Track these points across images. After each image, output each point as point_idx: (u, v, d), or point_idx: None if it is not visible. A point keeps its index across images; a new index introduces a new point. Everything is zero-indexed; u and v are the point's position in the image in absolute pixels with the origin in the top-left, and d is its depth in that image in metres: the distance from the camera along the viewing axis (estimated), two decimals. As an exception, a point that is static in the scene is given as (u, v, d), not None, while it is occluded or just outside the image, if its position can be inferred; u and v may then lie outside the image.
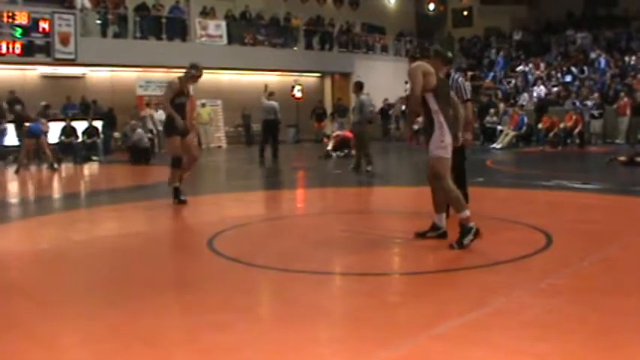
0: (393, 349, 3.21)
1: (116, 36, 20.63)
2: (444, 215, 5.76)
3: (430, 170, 5.47)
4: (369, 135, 13.05)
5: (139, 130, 16.66)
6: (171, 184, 8.45)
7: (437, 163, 5.34)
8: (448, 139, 5.25)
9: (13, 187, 12.22)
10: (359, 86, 13.08)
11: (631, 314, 3.74)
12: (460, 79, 6.50)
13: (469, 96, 6.45)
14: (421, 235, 5.68)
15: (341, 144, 16.82)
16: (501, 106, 22.10)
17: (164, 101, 8.44)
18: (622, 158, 12.98)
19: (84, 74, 20.74)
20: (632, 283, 4.41)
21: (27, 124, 15.20)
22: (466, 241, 5.27)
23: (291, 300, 4.17)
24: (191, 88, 8.61)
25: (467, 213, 5.29)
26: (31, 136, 14.52)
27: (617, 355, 3.17)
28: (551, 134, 19.26)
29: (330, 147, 16.88)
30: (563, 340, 3.31)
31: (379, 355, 3.15)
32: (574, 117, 19.31)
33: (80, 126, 17.76)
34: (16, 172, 13.79)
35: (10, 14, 18.01)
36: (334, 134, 17.62)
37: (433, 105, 5.26)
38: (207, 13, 23.25)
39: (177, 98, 8.30)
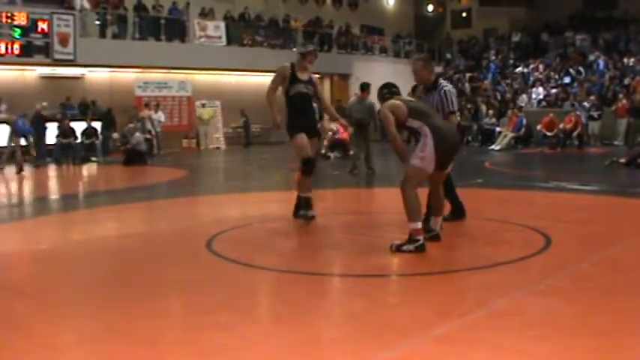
0: (393, 350, 3.21)
1: (115, 37, 20.62)
2: (440, 219, 5.76)
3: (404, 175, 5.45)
4: (356, 138, 12.75)
5: (138, 134, 16.65)
6: (300, 192, 6.81)
7: (409, 169, 5.35)
8: (429, 151, 5.19)
9: (12, 187, 12.21)
10: (360, 88, 12.90)
11: (631, 315, 3.74)
12: (447, 87, 6.10)
13: (454, 108, 6.04)
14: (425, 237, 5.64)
15: (337, 145, 16.82)
16: (483, 107, 22.26)
17: (268, 90, 6.81)
18: (622, 160, 13.00)
19: (83, 75, 20.73)
20: (632, 284, 4.42)
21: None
22: (405, 248, 5.23)
23: (290, 301, 4.17)
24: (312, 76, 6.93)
25: (418, 225, 5.26)
26: (18, 135, 14.49)
27: (616, 356, 3.18)
28: (550, 135, 19.30)
29: (324, 149, 16.74)
30: (563, 341, 3.31)
31: (379, 356, 3.15)
32: (573, 119, 19.33)
33: (79, 127, 17.78)
34: (18, 172, 13.79)
35: (9, 15, 17.99)
36: (326, 131, 16.84)
37: (415, 124, 5.32)
38: (206, 14, 23.26)
39: (293, 87, 6.71)
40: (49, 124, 17.40)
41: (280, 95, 6.85)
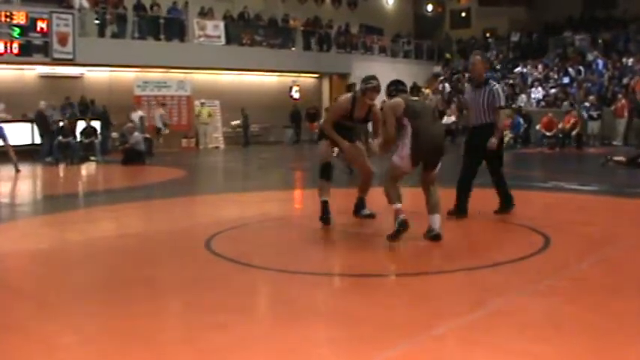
0: (392, 350, 3.21)
1: (114, 36, 20.60)
2: (438, 217, 5.79)
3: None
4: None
5: (136, 134, 16.62)
6: (320, 196, 6.73)
7: (389, 165, 5.83)
8: (407, 152, 5.61)
9: (9, 187, 12.19)
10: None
11: (629, 315, 3.74)
12: (496, 87, 7.03)
13: (502, 103, 6.99)
14: (426, 237, 5.77)
15: None
16: (453, 107, 22.67)
17: (326, 122, 6.75)
18: (617, 159, 13.02)
19: (82, 74, 20.71)
20: (631, 285, 4.42)
21: None
22: (394, 233, 5.54)
23: (289, 301, 4.17)
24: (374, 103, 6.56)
25: (398, 205, 5.61)
26: None
27: (615, 356, 3.18)
28: (549, 135, 19.31)
29: None
30: (561, 341, 3.31)
31: (378, 356, 3.15)
32: (572, 120, 19.33)
33: (78, 126, 17.76)
34: (17, 171, 13.78)
35: (8, 14, 17.98)
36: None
37: (405, 122, 5.66)
38: (205, 13, 23.25)
39: (342, 119, 6.53)
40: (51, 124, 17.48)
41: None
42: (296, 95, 24.78)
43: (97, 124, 18.34)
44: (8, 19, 17.95)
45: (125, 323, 3.73)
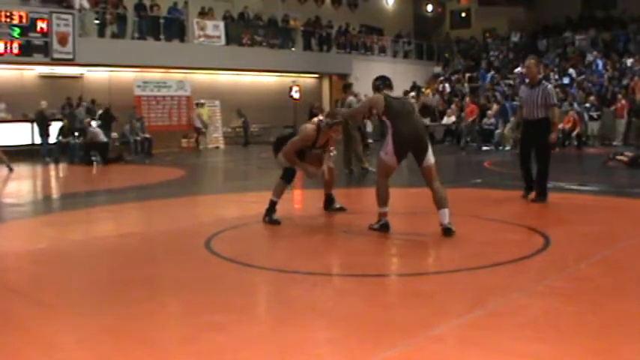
0: (391, 350, 3.21)
1: (114, 36, 20.61)
2: (445, 211, 5.90)
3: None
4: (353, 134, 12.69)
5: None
6: (272, 195, 6.94)
7: (378, 161, 6.31)
8: (390, 148, 6.01)
9: (9, 186, 12.19)
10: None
11: (629, 316, 3.74)
12: (549, 86, 8.09)
13: (555, 101, 8.01)
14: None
15: None
16: (453, 107, 22.95)
17: (288, 151, 6.84)
18: (620, 157, 13.01)
19: (82, 74, 20.71)
20: (630, 285, 4.42)
21: None
22: (376, 226, 6.12)
23: (289, 301, 4.17)
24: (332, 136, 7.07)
25: (383, 210, 6.11)
26: None
27: (614, 356, 3.18)
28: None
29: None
30: (560, 341, 3.31)
31: (377, 356, 3.15)
32: (572, 119, 19.32)
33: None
34: (10, 170, 13.79)
35: (8, 14, 17.98)
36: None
37: (387, 121, 6.07)
38: (205, 13, 23.26)
39: (304, 149, 6.91)
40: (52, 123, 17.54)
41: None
42: (296, 95, 24.78)
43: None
44: (8, 19, 17.95)
45: (125, 323, 3.73)
